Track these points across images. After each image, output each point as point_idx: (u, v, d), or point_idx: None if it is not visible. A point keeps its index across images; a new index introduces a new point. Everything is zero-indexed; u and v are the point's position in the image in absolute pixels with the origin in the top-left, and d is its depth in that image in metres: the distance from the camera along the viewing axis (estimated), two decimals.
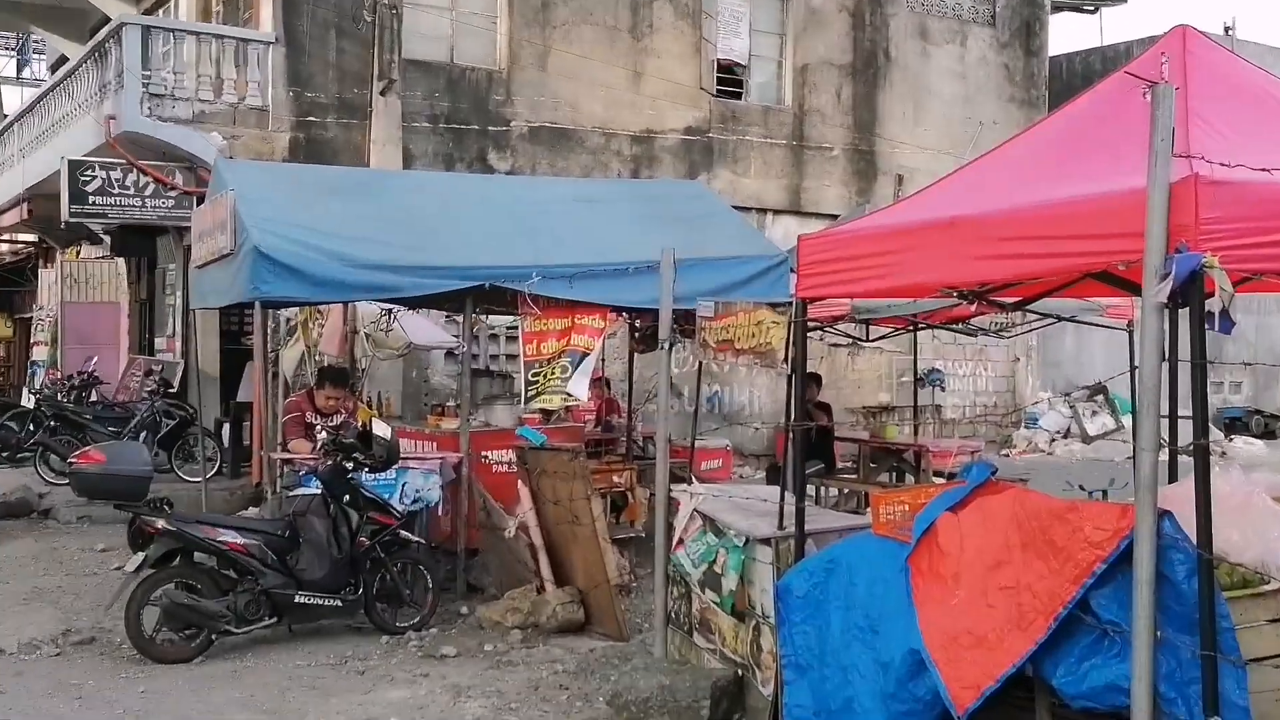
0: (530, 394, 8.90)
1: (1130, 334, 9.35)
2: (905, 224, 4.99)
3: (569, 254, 9.22)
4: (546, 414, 11.45)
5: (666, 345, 6.81)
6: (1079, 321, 8.74)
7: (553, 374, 8.91)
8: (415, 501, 8.60)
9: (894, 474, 12.33)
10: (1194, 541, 3.72)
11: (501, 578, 8.73)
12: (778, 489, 6.35)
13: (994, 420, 20.60)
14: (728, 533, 6.06)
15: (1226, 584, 4.22)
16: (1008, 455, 20.09)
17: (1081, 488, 7.01)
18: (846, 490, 11.85)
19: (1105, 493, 8.65)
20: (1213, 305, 3.54)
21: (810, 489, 11.04)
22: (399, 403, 15.01)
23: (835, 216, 18.26)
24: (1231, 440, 21.01)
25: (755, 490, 6.94)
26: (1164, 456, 4.85)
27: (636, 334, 11.76)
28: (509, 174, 16.19)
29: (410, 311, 11.67)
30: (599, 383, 13.71)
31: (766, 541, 5.72)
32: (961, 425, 20.38)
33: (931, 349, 19.81)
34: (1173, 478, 5.69)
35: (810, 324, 6.51)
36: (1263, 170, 3.64)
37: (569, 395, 8.88)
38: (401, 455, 8.27)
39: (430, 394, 15.73)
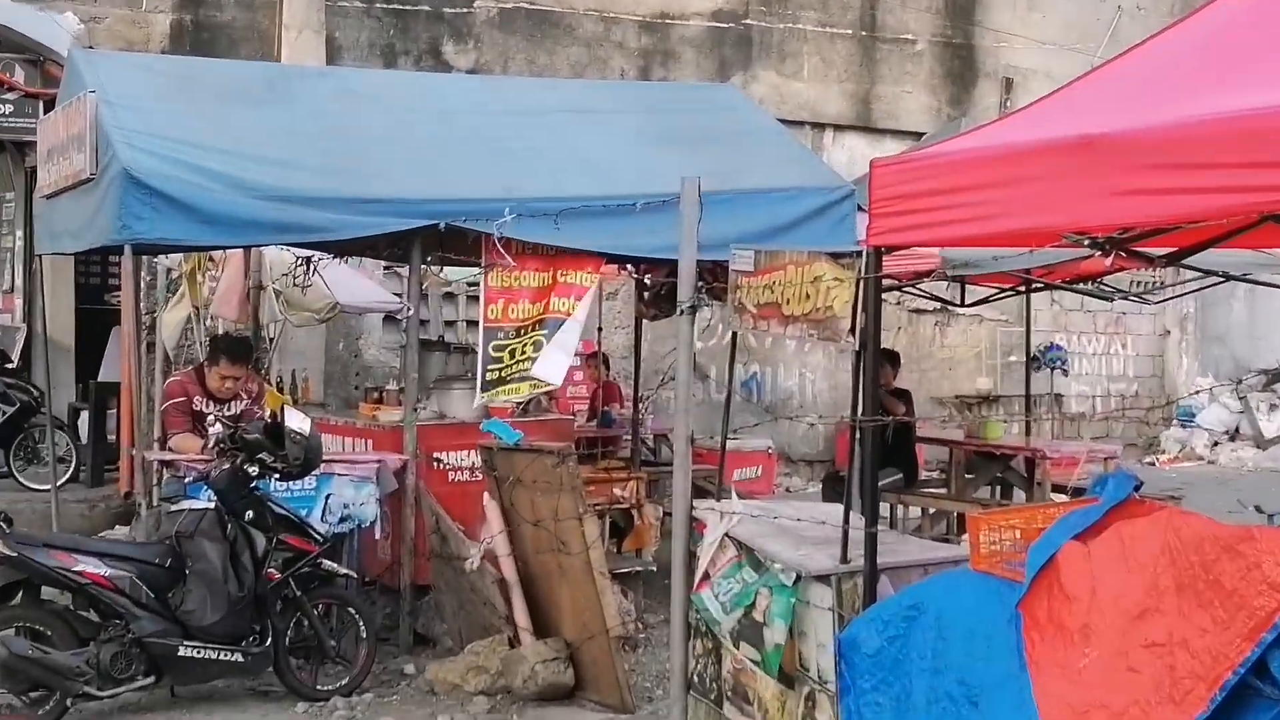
0: (489, 377, 8.92)
1: None
2: (1018, 145, 4.93)
3: (554, 184, 9.23)
4: (521, 402, 11.45)
5: (688, 309, 6.79)
6: (1254, 282, 8.70)
7: (524, 350, 8.92)
8: (343, 520, 8.61)
9: (998, 488, 12.35)
10: None
11: (461, 625, 8.74)
12: (839, 507, 6.33)
13: (1135, 416, 20.59)
14: (771, 566, 6.04)
15: None
16: (1154, 463, 20.12)
17: (1258, 509, 6.95)
18: (933, 510, 11.87)
19: None
20: None
21: (885, 507, 11.07)
22: (321, 385, 15.03)
23: (920, 135, 18.25)
24: None
25: (809, 508, 6.93)
26: None
27: (646, 294, 11.77)
28: (471, 73, 16.18)
29: (337, 261, 11.65)
30: (594, 360, 13.76)
31: (825, 579, 5.70)
32: (1091, 423, 20.39)
33: (1050, 318, 19.82)
34: None
35: (886, 282, 6.49)
36: None
37: (537, 381, 8.89)
38: (325, 457, 8.27)
39: (363, 373, 15.76)
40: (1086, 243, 5.00)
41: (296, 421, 7.89)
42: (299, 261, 11.67)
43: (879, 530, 5.71)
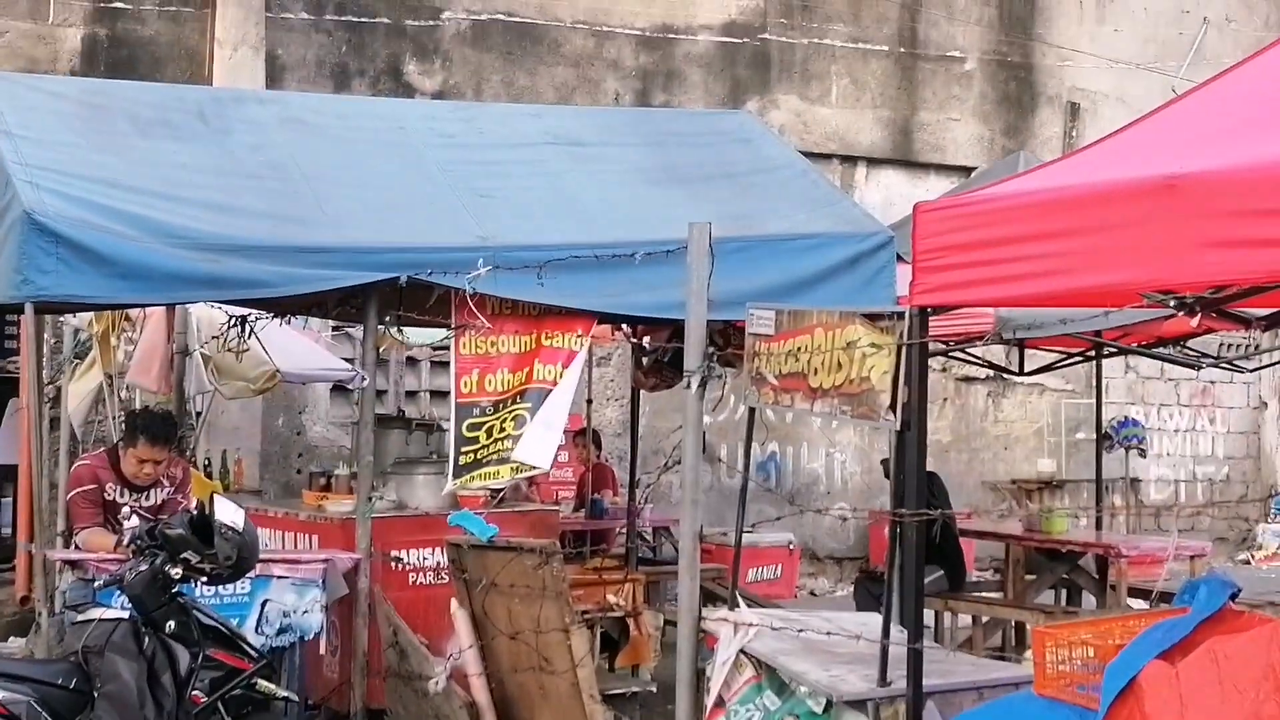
0: (463, 460, 8.90)
1: None
2: (1089, 188, 4.96)
3: (536, 229, 9.26)
4: (496, 491, 11.43)
5: (696, 380, 6.79)
6: None
7: (503, 427, 8.92)
8: (283, 632, 8.58)
9: (1064, 591, 12.31)
10: None
11: None
12: (875, 616, 6.31)
13: (1228, 506, 20.58)
14: (798, 690, 6.01)
15: None
16: (1249, 562, 20.05)
17: None
18: (987, 618, 11.82)
19: None
20: None
21: (928, 615, 11.02)
22: (256, 467, 14.99)
23: (969, 171, 18.34)
24: None
25: (839, 619, 6.90)
26: None
27: (645, 360, 11.76)
28: (438, 97, 16.24)
29: (278, 321, 11.63)
30: (583, 439, 13.75)
31: (860, 705, 5.68)
32: (1174, 513, 20.35)
33: (1124, 388, 19.82)
34: None
35: (932, 346, 6.48)
36: None
37: (521, 464, 8.88)
38: (262, 555, 8.23)
39: (308, 453, 15.72)
40: (1172, 303, 5.01)
41: (228, 514, 7.83)
42: (232, 321, 11.63)
43: (924, 646, 5.69)
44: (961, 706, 5.54)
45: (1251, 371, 10.70)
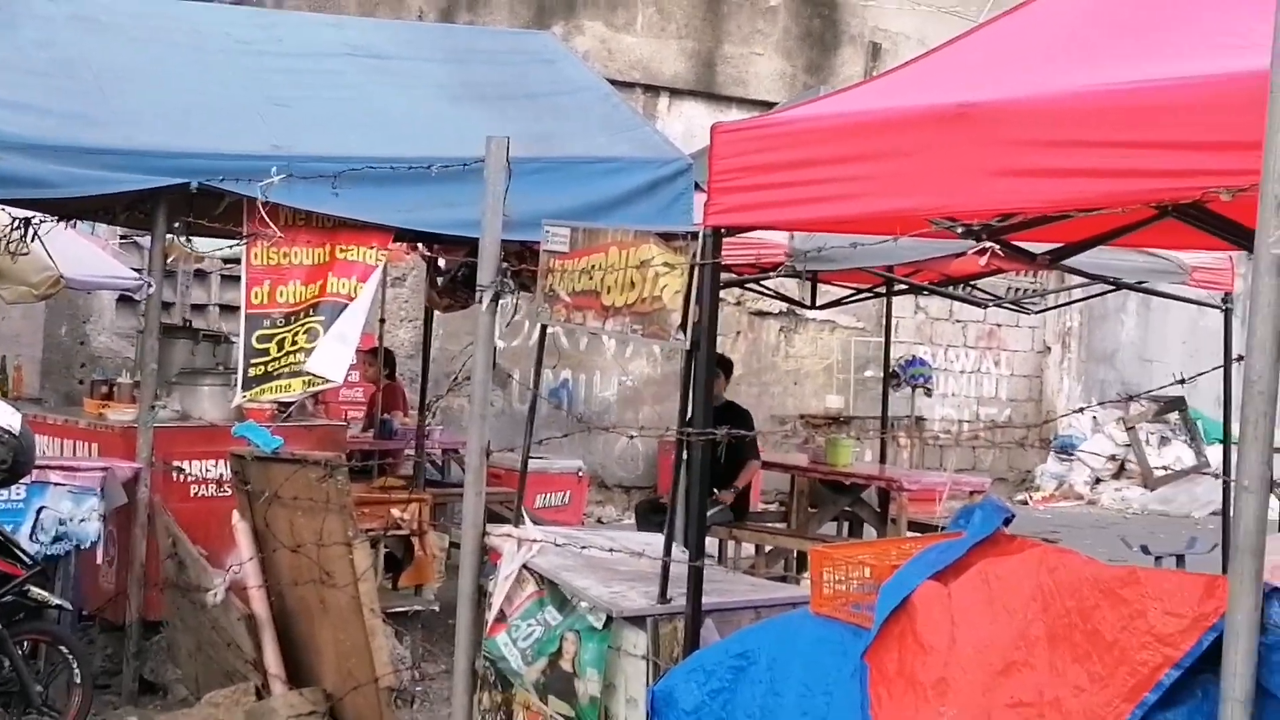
0: (253, 373, 8.81)
1: (1227, 314, 9.62)
2: (885, 113, 5.01)
3: (333, 140, 9.17)
4: (285, 405, 11.32)
5: (489, 296, 6.76)
6: (1148, 291, 8.96)
7: (295, 339, 8.84)
8: (58, 540, 8.43)
9: (846, 524, 12.50)
10: None
11: (198, 670, 8.62)
12: (659, 537, 6.35)
13: (1007, 445, 21.03)
14: (578, 605, 6.04)
15: None
16: (1026, 502, 20.56)
17: (1145, 550, 7.15)
18: (770, 547, 11.98)
19: (1181, 559, 8.88)
20: None
21: (713, 544, 11.14)
22: (37, 375, 14.70)
23: (771, 106, 18.39)
24: None
25: (624, 538, 6.95)
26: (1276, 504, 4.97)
27: (440, 280, 11.72)
28: (237, 3, 15.92)
29: (63, 225, 11.35)
30: (374, 358, 13.66)
31: (639, 621, 5.72)
32: (956, 450, 20.78)
33: (914, 328, 20.15)
34: None
35: (726, 278, 6.52)
36: None
37: (313, 377, 8.81)
38: (38, 461, 8.07)
39: (91, 363, 15.45)
40: (959, 230, 5.07)
41: (4, 417, 7.67)
42: (14, 223, 11.35)
43: (706, 565, 5.74)
44: (739, 624, 5.59)
45: (1036, 314, 10.91)
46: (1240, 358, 4.04)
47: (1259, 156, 3.73)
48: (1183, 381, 7.23)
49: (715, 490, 11.01)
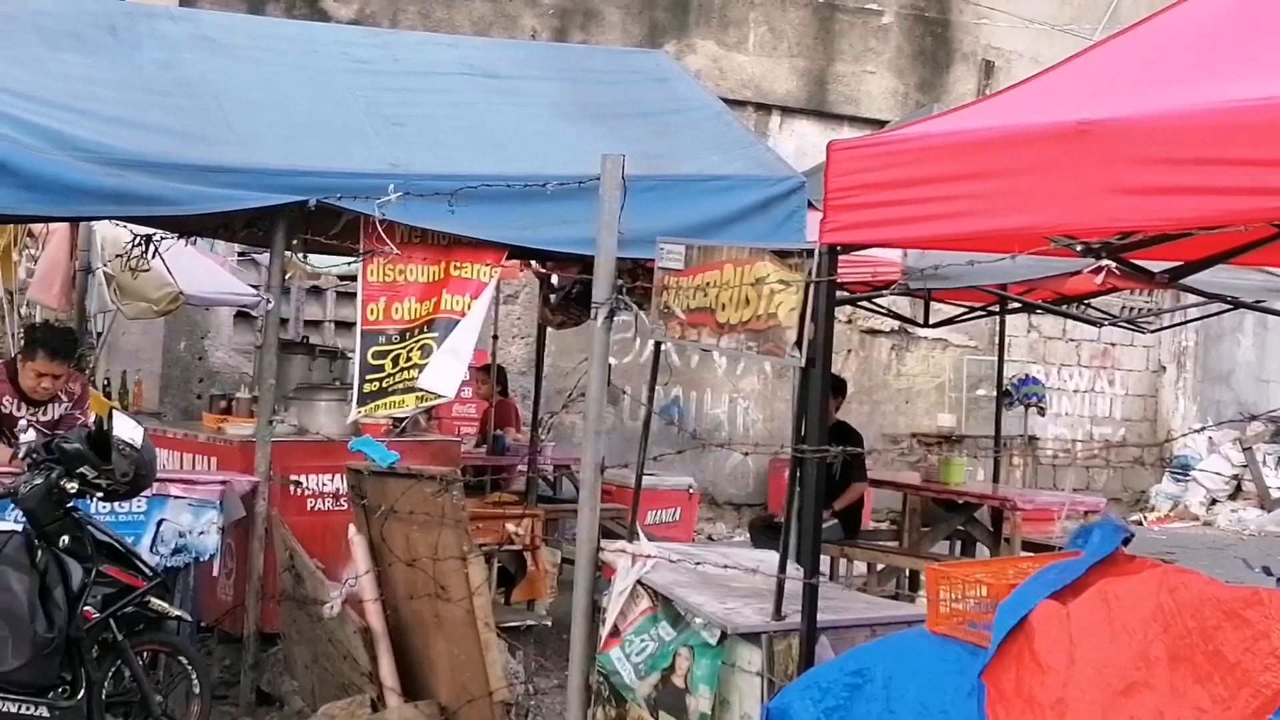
0: (368, 388, 8.87)
1: None
2: (1002, 131, 5.00)
3: (449, 159, 9.20)
4: (399, 420, 11.42)
5: (604, 312, 6.79)
6: (1266, 310, 8.84)
7: (409, 356, 8.90)
8: (178, 552, 8.51)
9: (959, 543, 12.43)
10: None
11: (314, 682, 8.67)
12: (772, 554, 6.35)
13: (1122, 465, 20.83)
14: (692, 621, 6.04)
15: None
16: (1140, 523, 20.35)
17: (1267, 571, 7.05)
18: (882, 566, 11.92)
19: None
20: None
21: (825, 561, 11.11)
22: (156, 390, 14.88)
23: (883, 125, 18.36)
24: None
25: (737, 554, 6.95)
26: None
27: (553, 297, 11.75)
28: (354, 24, 16.10)
29: (183, 242, 11.53)
30: (487, 375, 13.74)
31: (753, 638, 5.71)
32: (1070, 470, 20.60)
33: (1027, 347, 20.02)
34: None
35: (838, 295, 6.50)
36: None
37: (426, 393, 8.87)
38: (159, 475, 8.17)
39: (209, 379, 15.62)
40: (1078, 248, 5.05)
41: (127, 430, 7.77)
42: (136, 240, 11.53)
43: (819, 582, 5.74)
44: (854, 642, 5.57)
45: (1151, 333, 10.80)
46: None
47: None
48: None
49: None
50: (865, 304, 10.22)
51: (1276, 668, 4.03)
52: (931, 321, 11.63)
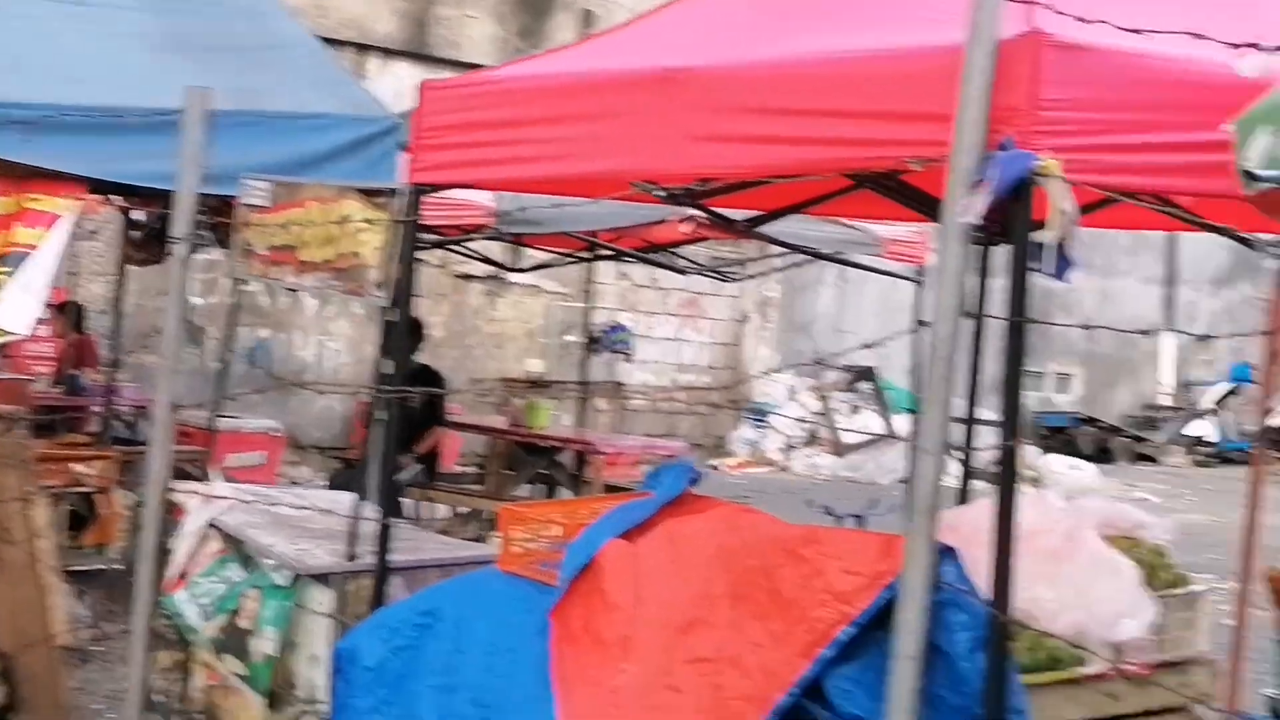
0: None
1: (919, 286, 9.85)
2: (593, 74, 5.03)
3: (24, 87, 8.79)
4: None
5: (184, 251, 6.61)
6: (842, 261, 9.15)
7: None
8: None
9: (544, 486, 12.56)
10: (985, 597, 3.92)
11: None
12: (349, 494, 6.31)
13: (703, 410, 21.33)
14: (263, 563, 5.96)
15: (1028, 663, 4.50)
16: (717, 468, 20.88)
17: (829, 511, 7.31)
18: (465, 509, 11.96)
19: (861, 519, 9.09)
20: (1044, 236, 3.71)
21: (409, 505, 11.09)
22: None
23: (483, 69, 18.41)
24: (1046, 457, 22.51)
25: (315, 496, 6.89)
26: (952, 471, 5.11)
27: (135, 234, 11.43)
28: None
29: None
30: (65, 311, 13.30)
31: (324, 579, 5.68)
32: (653, 416, 21.00)
33: (617, 295, 20.34)
34: (963, 502, 6.03)
35: (430, 238, 6.47)
36: (1134, 31, 3.84)
37: None
38: None
39: None
40: (660, 194, 5.11)
41: None
42: None
43: (394, 524, 5.72)
44: (428, 583, 5.57)
45: (736, 282, 11.06)
46: (923, 323, 4.14)
47: (950, 129, 3.81)
48: (869, 346, 7.39)
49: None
50: (456, 248, 10.18)
51: (830, 604, 4.16)
52: (523, 265, 11.69)
